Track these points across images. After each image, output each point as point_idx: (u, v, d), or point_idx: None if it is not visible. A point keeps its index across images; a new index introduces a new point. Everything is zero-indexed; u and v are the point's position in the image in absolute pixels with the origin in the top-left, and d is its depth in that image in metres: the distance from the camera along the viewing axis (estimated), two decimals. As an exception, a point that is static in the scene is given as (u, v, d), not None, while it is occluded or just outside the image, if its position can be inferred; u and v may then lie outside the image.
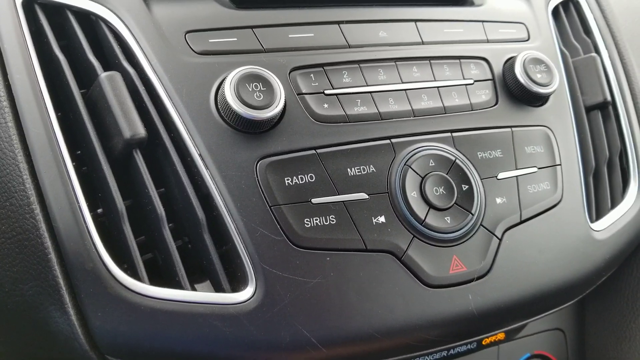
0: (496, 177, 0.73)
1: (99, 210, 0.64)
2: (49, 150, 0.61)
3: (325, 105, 0.69)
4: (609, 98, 0.87)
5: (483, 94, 0.77)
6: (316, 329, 0.62)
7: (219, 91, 0.65)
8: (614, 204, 0.84)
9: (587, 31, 0.94)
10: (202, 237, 0.63)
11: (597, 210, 0.82)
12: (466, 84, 0.77)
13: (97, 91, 0.63)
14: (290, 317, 0.61)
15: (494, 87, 0.78)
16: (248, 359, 0.62)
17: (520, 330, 0.84)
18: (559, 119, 0.80)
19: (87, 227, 0.59)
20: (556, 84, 0.78)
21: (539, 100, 0.79)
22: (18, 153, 0.61)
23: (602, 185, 0.84)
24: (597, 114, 0.87)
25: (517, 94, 0.78)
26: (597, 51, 0.92)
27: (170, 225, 0.64)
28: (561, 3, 0.94)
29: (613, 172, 0.86)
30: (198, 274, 0.64)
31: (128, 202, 0.63)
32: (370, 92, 0.72)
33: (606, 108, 0.88)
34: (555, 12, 0.93)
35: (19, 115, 0.62)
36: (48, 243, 0.59)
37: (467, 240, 0.68)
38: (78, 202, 0.60)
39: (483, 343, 0.76)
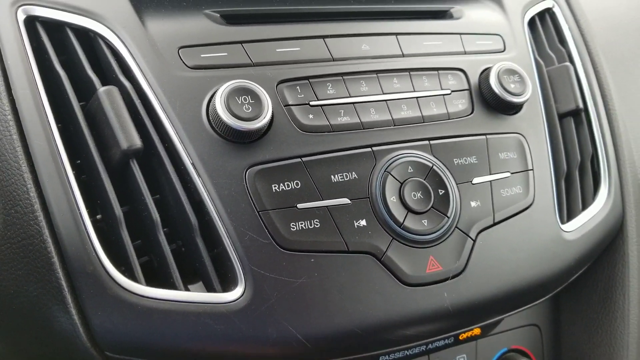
0: (471, 182, 0.75)
1: (98, 216, 0.66)
2: (51, 160, 0.63)
3: (311, 116, 0.71)
4: (581, 105, 0.90)
5: (460, 104, 0.79)
6: (301, 326, 0.64)
7: (210, 104, 0.67)
8: (585, 206, 0.86)
9: (562, 41, 0.96)
10: (195, 241, 0.65)
11: (569, 212, 0.84)
12: (444, 94, 0.79)
13: (96, 104, 0.65)
14: (277, 315, 0.64)
15: (470, 97, 0.80)
16: (238, 355, 0.64)
17: (495, 326, 0.86)
18: (532, 127, 0.82)
19: (87, 232, 0.62)
20: (529, 93, 0.80)
21: (513, 108, 0.81)
22: (22, 163, 0.63)
23: (574, 188, 0.86)
24: (569, 120, 0.90)
25: (492, 103, 0.80)
26: (571, 60, 0.94)
27: (165, 230, 0.66)
28: (537, 14, 0.96)
29: (585, 176, 0.89)
30: (191, 276, 0.67)
31: (125, 209, 0.65)
32: (353, 103, 0.74)
33: (579, 115, 0.91)
34: (532, 23, 0.95)
35: (23, 127, 0.64)
36: (51, 247, 0.62)
37: (443, 241, 0.71)
38: (79, 209, 0.62)
39: (460, 338, 0.78)
